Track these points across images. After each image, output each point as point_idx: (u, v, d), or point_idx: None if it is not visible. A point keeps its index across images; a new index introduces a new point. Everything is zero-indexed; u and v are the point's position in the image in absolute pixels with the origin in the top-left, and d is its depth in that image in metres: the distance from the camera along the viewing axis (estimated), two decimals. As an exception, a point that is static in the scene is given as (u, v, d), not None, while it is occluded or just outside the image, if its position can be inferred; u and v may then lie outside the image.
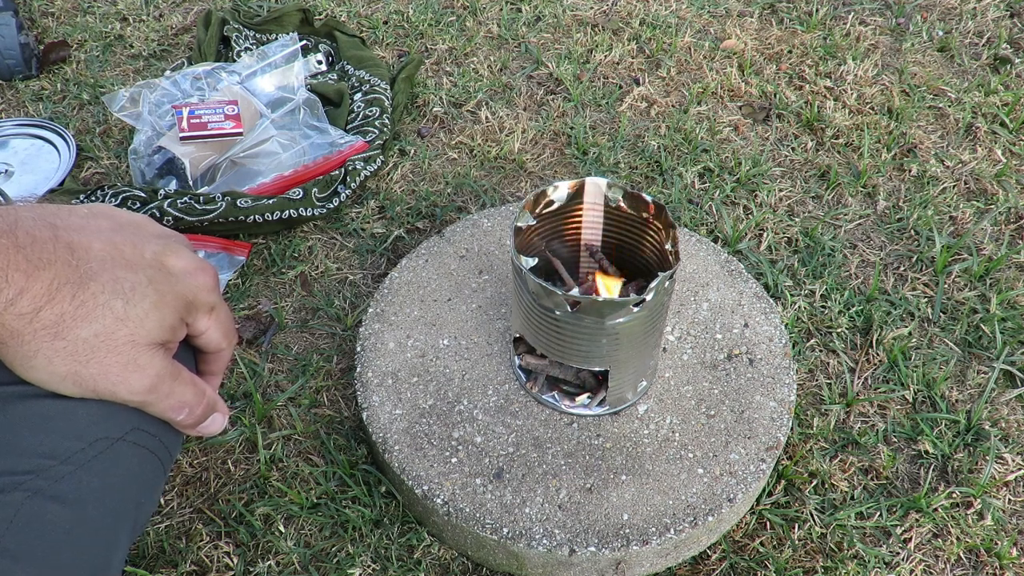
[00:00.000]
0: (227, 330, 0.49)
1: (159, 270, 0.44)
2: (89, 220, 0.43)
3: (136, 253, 0.43)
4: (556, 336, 0.71)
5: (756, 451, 0.77)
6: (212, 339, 0.48)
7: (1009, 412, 0.89)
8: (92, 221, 0.43)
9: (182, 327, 0.45)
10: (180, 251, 0.46)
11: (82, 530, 0.42)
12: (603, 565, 0.72)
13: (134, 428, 0.45)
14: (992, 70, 1.36)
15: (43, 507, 0.40)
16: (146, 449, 0.46)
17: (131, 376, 0.42)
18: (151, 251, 0.44)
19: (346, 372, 0.92)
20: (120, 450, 0.44)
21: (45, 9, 1.48)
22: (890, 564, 0.77)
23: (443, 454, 0.77)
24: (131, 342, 0.42)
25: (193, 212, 0.99)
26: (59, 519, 0.41)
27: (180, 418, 0.46)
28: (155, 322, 0.43)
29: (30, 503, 0.39)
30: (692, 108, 1.27)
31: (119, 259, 0.42)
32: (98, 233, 0.43)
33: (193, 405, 0.46)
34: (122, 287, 0.41)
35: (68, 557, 0.41)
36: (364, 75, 1.26)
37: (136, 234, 0.45)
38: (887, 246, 1.07)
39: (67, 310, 0.40)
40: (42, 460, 0.41)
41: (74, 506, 0.41)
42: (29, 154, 1.18)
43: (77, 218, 0.43)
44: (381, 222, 1.10)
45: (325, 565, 0.76)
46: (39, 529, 0.40)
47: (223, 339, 0.49)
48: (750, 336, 0.87)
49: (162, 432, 0.47)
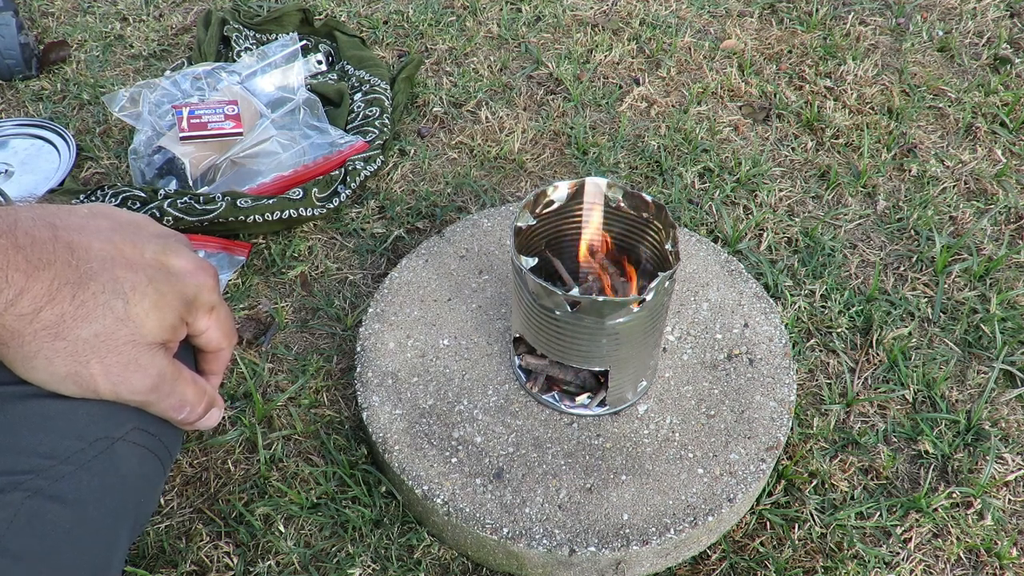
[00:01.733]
0: (227, 330, 0.49)
1: (159, 269, 0.44)
2: (89, 220, 0.43)
3: (136, 253, 0.43)
4: (556, 336, 0.71)
5: (756, 451, 0.77)
6: (212, 338, 0.48)
7: (1009, 412, 0.89)
8: (92, 221, 0.43)
9: (182, 326, 0.45)
10: (180, 250, 0.46)
11: (82, 530, 0.42)
12: (603, 565, 0.72)
13: (134, 428, 0.45)
14: (992, 70, 1.36)
15: (43, 507, 0.40)
16: (146, 449, 0.46)
17: (132, 376, 0.42)
18: (151, 251, 0.44)
19: (346, 372, 0.92)
20: (120, 450, 0.44)
21: (45, 9, 1.48)
22: (890, 564, 0.77)
23: (443, 454, 0.77)
24: (132, 342, 0.42)
25: (193, 212, 0.99)
26: (59, 519, 0.40)
27: (181, 417, 0.46)
28: (156, 322, 0.43)
29: (30, 503, 0.39)
30: (692, 108, 1.27)
31: (119, 259, 0.42)
32: (98, 233, 0.43)
33: (194, 404, 0.47)
34: (122, 287, 0.41)
35: (68, 557, 0.41)
36: (364, 75, 1.26)
37: (136, 234, 0.45)
38: (887, 246, 1.07)
39: (67, 310, 0.40)
40: (42, 460, 0.41)
41: (74, 506, 0.41)
42: (29, 154, 1.18)
43: (77, 218, 0.43)
44: (381, 222, 1.10)
45: (325, 565, 0.76)
46: (39, 529, 0.40)
47: (223, 338, 0.49)
48: (750, 336, 0.87)
49: (162, 431, 0.47)
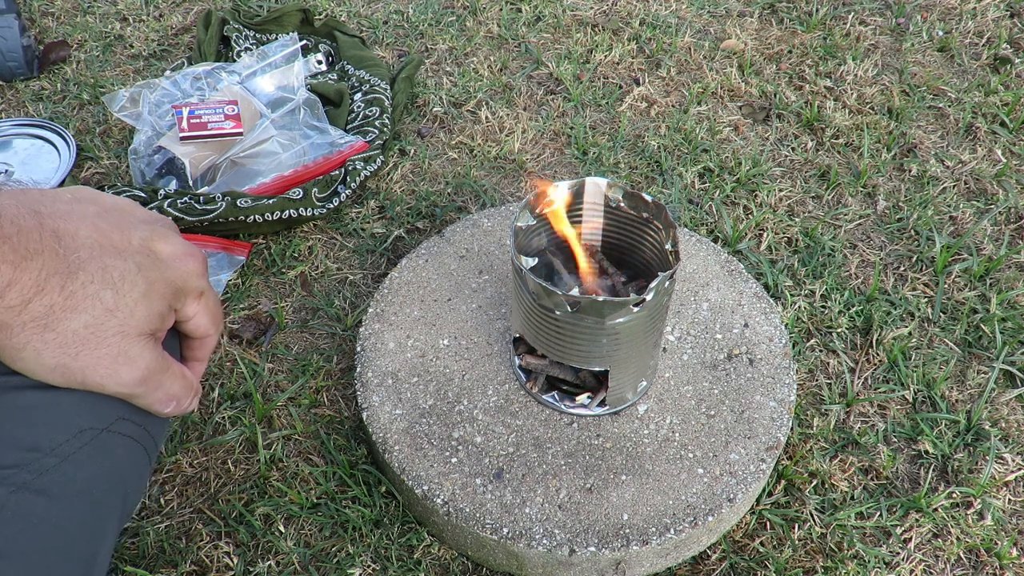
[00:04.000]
0: (215, 316, 0.48)
1: (147, 256, 0.43)
2: (74, 205, 0.42)
3: (123, 239, 0.42)
4: (556, 336, 0.71)
5: (756, 451, 0.77)
6: (200, 324, 0.47)
7: (1009, 412, 0.89)
8: (77, 206, 0.42)
9: (171, 314, 0.45)
10: (168, 236, 0.45)
11: (69, 523, 0.41)
12: (603, 565, 0.72)
13: (119, 418, 0.44)
14: (992, 70, 1.36)
15: (29, 501, 0.39)
16: (132, 439, 0.45)
17: (121, 368, 0.41)
18: (139, 237, 0.43)
19: (346, 372, 0.92)
20: (106, 440, 0.43)
21: (45, 9, 1.48)
22: (890, 564, 0.77)
23: (443, 454, 0.77)
24: (121, 333, 0.41)
25: (193, 212, 0.99)
26: (45, 513, 0.40)
27: (168, 411, 0.46)
28: (144, 311, 0.42)
29: (15, 498, 0.39)
30: (692, 108, 1.27)
31: (107, 246, 0.41)
32: (84, 219, 0.42)
33: (181, 397, 0.46)
34: (111, 276, 0.41)
35: (55, 551, 0.40)
36: (364, 75, 1.26)
37: (122, 219, 0.44)
38: (887, 246, 1.07)
39: (57, 301, 0.39)
40: (26, 453, 0.40)
41: (60, 499, 0.40)
42: (29, 154, 1.18)
43: (62, 204, 0.42)
44: (381, 222, 1.10)
45: (325, 565, 0.76)
46: (24, 524, 0.39)
47: (211, 325, 0.48)
48: (750, 336, 0.87)
49: (148, 421, 0.46)
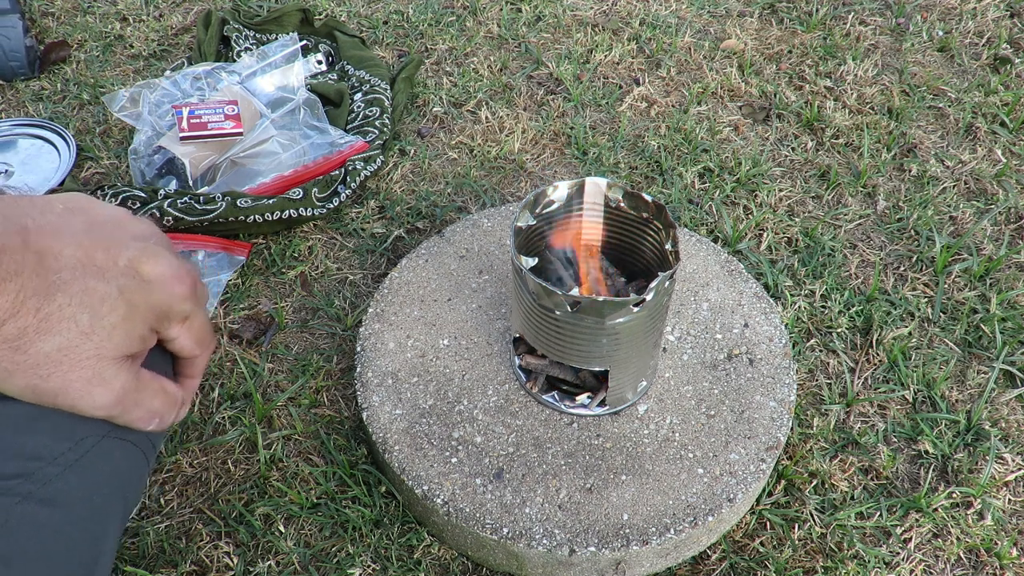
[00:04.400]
0: (200, 338, 0.47)
1: (132, 278, 0.41)
2: (64, 218, 0.41)
3: (109, 259, 0.41)
4: (556, 336, 0.71)
5: (756, 451, 0.77)
6: (184, 346, 0.46)
7: (1009, 412, 0.89)
8: (67, 219, 0.41)
9: (152, 336, 0.44)
10: (158, 255, 0.43)
11: (72, 529, 0.41)
12: (603, 565, 0.72)
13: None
14: (992, 70, 1.36)
15: (33, 511, 0.40)
16: (130, 443, 0.45)
17: (94, 391, 0.41)
18: (126, 257, 0.42)
19: (346, 372, 0.92)
20: (106, 446, 0.43)
21: (45, 9, 1.48)
22: (890, 564, 0.77)
23: (443, 454, 0.77)
24: (96, 356, 0.40)
25: (193, 212, 0.99)
26: (49, 521, 0.40)
27: (150, 428, 0.45)
28: (123, 335, 0.41)
29: (20, 508, 0.39)
30: (692, 108, 1.27)
31: (90, 267, 0.40)
32: (71, 236, 0.40)
33: (164, 414, 0.45)
34: (91, 299, 0.40)
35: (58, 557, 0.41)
36: (364, 75, 1.26)
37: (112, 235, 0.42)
38: (887, 246, 1.07)
39: (31, 324, 0.38)
40: (29, 462, 0.40)
41: (63, 507, 0.41)
42: (29, 154, 1.18)
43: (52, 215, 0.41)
44: (381, 222, 1.10)
45: (325, 565, 0.76)
46: (29, 533, 0.39)
47: (196, 347, 0.47)
48: (750, 336, 0.87)
49: None
